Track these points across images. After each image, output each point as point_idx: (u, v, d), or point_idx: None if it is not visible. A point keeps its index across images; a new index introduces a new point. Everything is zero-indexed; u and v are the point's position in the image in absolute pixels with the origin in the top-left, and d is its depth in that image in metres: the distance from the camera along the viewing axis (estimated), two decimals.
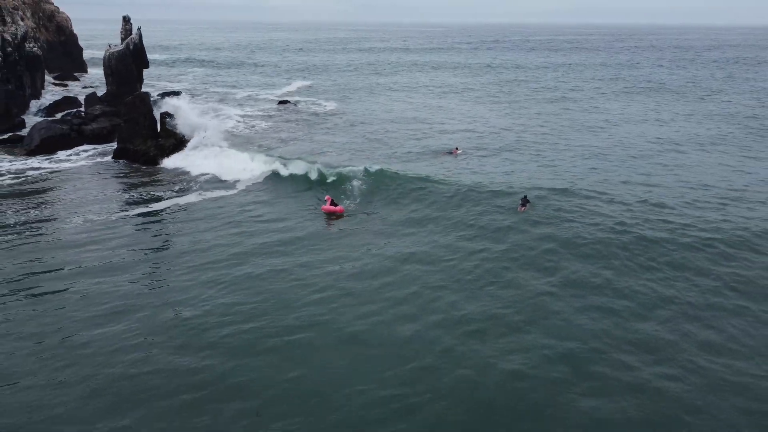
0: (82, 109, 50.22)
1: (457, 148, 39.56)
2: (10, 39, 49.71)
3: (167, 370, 14.62)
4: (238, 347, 15.50)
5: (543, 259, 20.88)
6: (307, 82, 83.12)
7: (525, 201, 26.25)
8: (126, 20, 48.49)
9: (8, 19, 51.75)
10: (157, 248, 22.58)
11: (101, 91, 55.29)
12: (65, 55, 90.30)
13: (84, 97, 58.03)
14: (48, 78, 70.91)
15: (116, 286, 19.16)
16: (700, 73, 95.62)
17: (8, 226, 24.74)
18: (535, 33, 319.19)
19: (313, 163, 32.97)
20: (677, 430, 12.61)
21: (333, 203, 26.96)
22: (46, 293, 18.75)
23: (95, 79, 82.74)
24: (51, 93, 62.98)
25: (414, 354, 15.22)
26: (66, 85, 74.09)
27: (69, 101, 56.75)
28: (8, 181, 31.50)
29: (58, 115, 47.10)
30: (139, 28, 47.63)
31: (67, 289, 19.03)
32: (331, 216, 26.36)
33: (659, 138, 42.76)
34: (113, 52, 46.07)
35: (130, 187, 31.40)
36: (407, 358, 15.02)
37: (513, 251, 21.67)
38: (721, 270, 19.76)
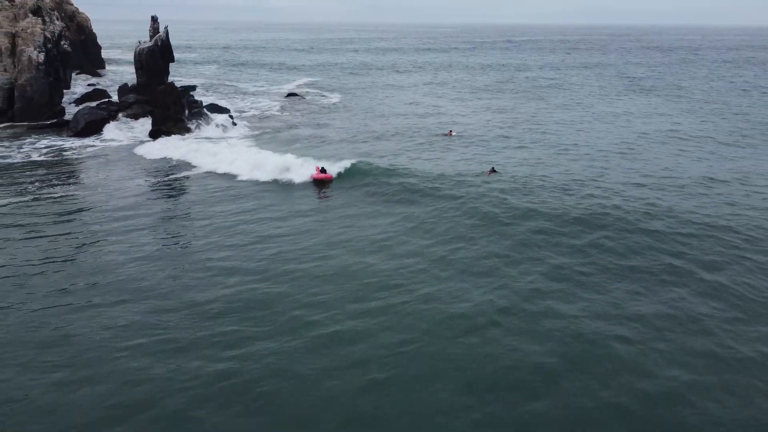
0: (113, 99, 56.20)
1: (451, 131, 45.39)
2: (50, 36, 55.59)
3: (208, 286, 19.92)
4: (256, 274, 20.55)
5: (499, 219, 25.62)
6: (314, 78, 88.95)
7: (492, 170, 31.83)
8: (154, 20, 54.27)
9: (47, 19, 57.70)
10: (185, 210, 27.98)
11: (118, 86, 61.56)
12: (84, 53, 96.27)
13: (108, 89, 64.51)
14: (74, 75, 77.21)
15: (163, 236, 24.85)
16: (682, 71, 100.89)
17: (84, 185, 31.23)
18: (540, 34, 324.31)
19: (313, 153, 37.66)
20: (583, 334, 17.03)
21: (323, 170, 31.56)
22: (118, 240, 24.55)
23: (115, 74, 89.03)
24: (73, 86, 69.30)
25: (393, 283, 19.98)
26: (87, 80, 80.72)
27: (98, 93, 63.05)
28: (75, 155, 38.49)
29: (93, 104, 52.91)
30: (166, 27, 53.37)
31: (130, 232, 24.83)
32: (322, 184, 30.99)
33: (629, 130, 48.33)
34: (143, 48, 51.83)
35: (165, 160, 37.22)
36: (388, 285, 19.79)
37: (477, 213, 26.49)
38: (639, 226, 24.57)
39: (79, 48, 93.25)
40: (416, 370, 15.09)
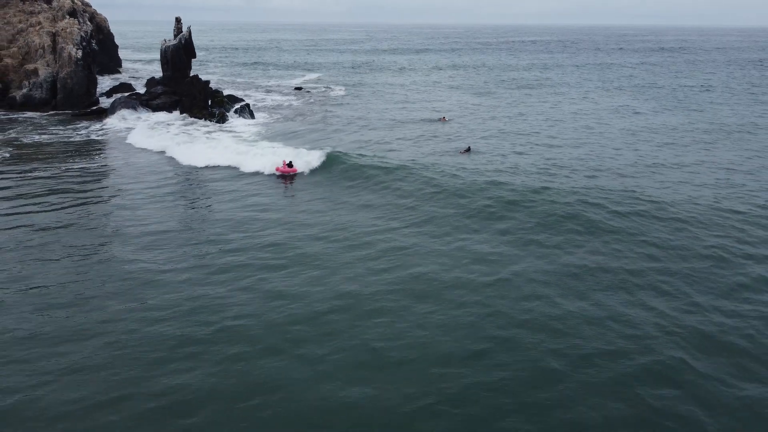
0: (138, 91, 62.90)
1: (444, 117, 52.08)
2: (84, 36, 62.26)
3: (234, 234, 26.68)
4: (269, 227, 27.07)
5: (465, 189, 31.49)
6: (320, 75, 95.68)
7: (468, 149, 38.32)
8: (178, 21, 60.76)
9: (81, 20, 64.38)
10: (201, 187, 34.62)
11: (138, 81, 68.58)
12: (104, 52, 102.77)
13: (131, 83, 71.61)
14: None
15: (186, 204, 31.50)
16: (663, 71, 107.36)
17: (132, 158, 38.33)
18: (536, 34, 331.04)
19: (317, 140, 43.78)
20: (516, 266, 24.08)
21: (289, 165, 34.32)
22: (161, 201, 31.20)
23: (132, 71, 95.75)
24: (99, 81, 76.24)
25: (379, 232, 26.65)
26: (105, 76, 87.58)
27: (124, 86, 69.94)
28: (123, 135, 45.93)
29: (126, 94, 59.62)
30: (189, 27, 59.88)
31: (163, 197, 31.46)
32: (287, 176, 34.18)
33: (599, 122, 54.88)
34: (169, 46, 58.35)
35: (187, 140, 43.92)
36: (376, 232, 26.24)
37: (448, 183, 32.44)
38: (578, 193, 31.10)
39: (98, 47, 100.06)
40: (398, 282, 21.26)
